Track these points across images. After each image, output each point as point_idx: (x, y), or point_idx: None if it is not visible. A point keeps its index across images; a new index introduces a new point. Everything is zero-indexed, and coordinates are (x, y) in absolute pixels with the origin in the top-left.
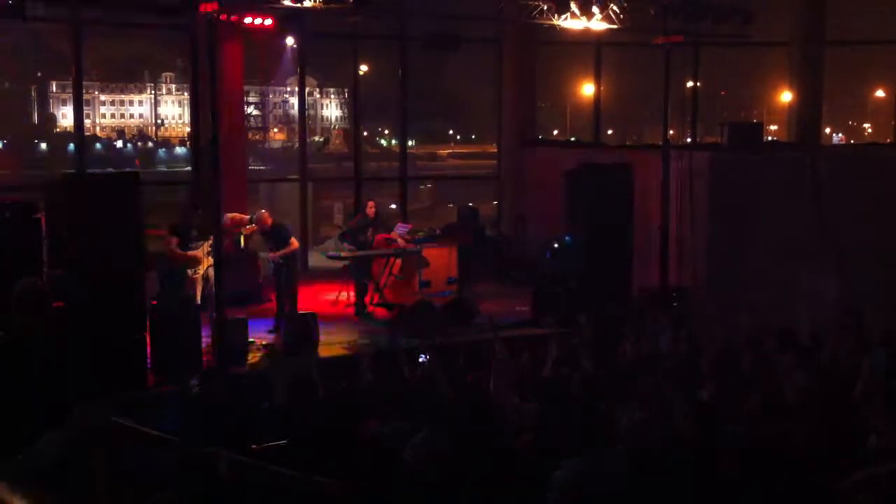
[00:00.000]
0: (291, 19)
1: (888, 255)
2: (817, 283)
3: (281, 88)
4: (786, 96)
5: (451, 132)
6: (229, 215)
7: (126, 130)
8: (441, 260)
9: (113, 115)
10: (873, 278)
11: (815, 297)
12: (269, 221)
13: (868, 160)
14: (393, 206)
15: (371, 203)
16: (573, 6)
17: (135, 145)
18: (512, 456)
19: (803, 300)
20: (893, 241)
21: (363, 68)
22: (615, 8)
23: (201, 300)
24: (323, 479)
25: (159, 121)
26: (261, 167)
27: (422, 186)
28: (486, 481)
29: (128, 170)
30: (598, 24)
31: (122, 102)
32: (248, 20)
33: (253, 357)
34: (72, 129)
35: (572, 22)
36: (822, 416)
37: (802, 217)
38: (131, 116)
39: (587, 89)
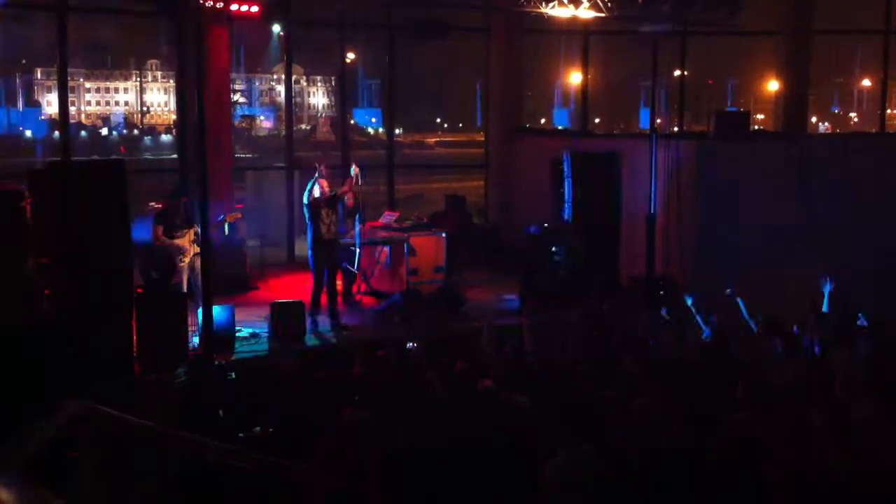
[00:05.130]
0: (277, 6)
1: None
2: (804, 271)
3: (267, 76)
4: (773, 85)
5: (438, 120)
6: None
7: (111, 118)
8: (428, 248)
9: (98, 103)
10: (863, 266)
11: (802, 285)
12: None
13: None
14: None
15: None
16: None
17: (120, 133)
18: (504, 444)
19: (790, 288)
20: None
21: (350, 56)
22: None
23: (187, 288)
24: (308, 467)
25: (145, 108)
26: (247, 155)
27: None
28: (477, 468)
29: (113, 157)
30: (585, 12)
31: (107, 90)
32: (234, 7)
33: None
34: (57, 117)
35: (560, 10)
36: (803, 404)
37: (789, 205)
38: (116, 104)
39: (575, 77)
